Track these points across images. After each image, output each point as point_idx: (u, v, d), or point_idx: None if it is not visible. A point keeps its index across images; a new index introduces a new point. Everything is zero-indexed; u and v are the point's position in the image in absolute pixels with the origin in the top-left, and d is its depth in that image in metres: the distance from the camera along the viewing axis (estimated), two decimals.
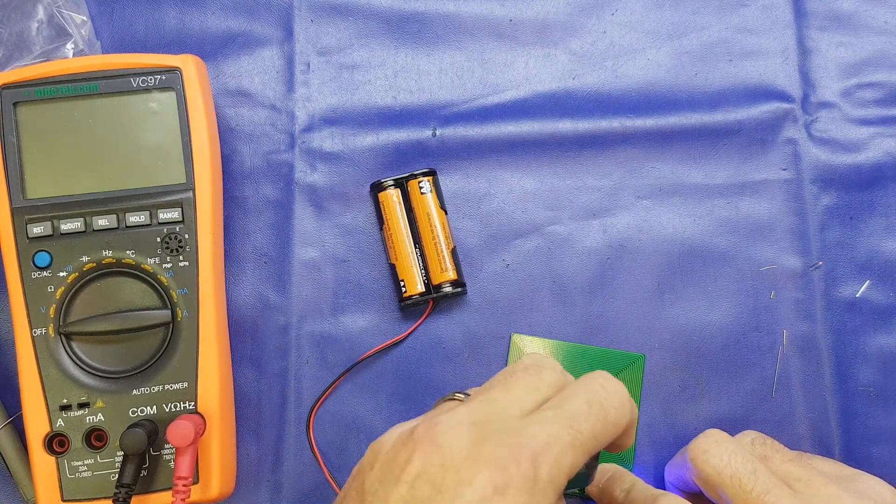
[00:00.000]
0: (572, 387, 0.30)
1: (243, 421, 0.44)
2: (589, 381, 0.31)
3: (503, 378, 0.31)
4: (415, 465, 0.27)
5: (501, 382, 0.31)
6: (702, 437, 0.37)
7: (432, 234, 0.44)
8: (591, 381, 0.30)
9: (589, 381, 0.30)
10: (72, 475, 0.39)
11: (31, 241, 0.40)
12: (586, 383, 0.30)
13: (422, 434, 0.28)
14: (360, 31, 0.47)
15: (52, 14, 0.45)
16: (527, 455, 0.27)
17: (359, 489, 0.28)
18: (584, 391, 0.30)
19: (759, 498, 0.34)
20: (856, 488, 0.37)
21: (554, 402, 0.30)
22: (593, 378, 0.31)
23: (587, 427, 0.29)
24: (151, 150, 0.41)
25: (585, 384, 0.30)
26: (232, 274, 0.45)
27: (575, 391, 0.30)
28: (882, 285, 0.45)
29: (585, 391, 0.30)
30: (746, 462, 0.35)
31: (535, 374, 0.31)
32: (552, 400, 0.30)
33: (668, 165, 0.46)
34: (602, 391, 0.30)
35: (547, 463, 0.27)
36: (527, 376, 0.31)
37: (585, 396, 0.30)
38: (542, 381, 0.31)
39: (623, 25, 0.47)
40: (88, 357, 0.40)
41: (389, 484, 0.27)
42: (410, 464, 0.27)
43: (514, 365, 0.32)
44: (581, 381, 0.31)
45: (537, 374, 0.31)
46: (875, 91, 0.46)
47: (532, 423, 0.28)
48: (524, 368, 0.31)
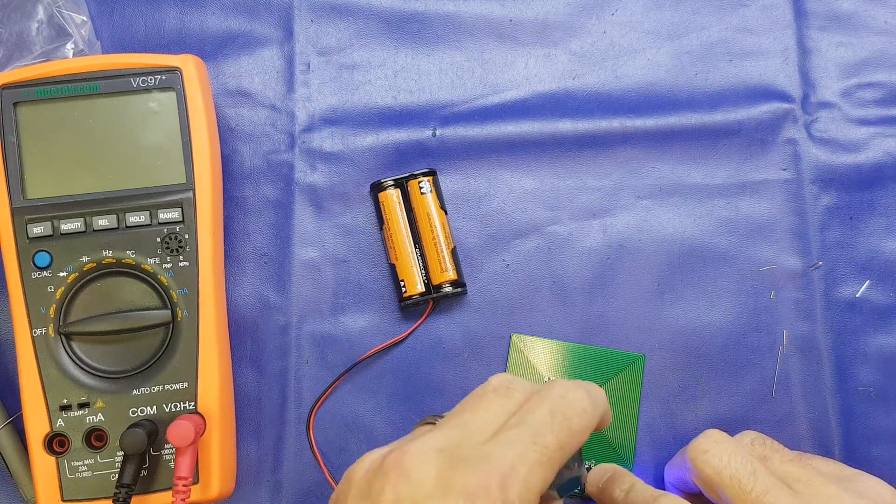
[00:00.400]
0: (533, 399, 0.30)
1: (243, 421, 0.44)
2: (548, 391, 0.30)
3: (473, 401, 0.31)
4: (387, 496, 0.27)
5: (471, 406, 0.31)
6: (701, 438, 0.37)
7: (432, 234, 0.44)
8: (550, 391, 0.30)
9: (549, 393, 0.30)
10: (72, 475, 0.39)
11: (31, 241, 0.40)
12: (546, 394, 0.30)
13: (391, 464, 0.28)
14: (360, 31, 0.47)
15: (52, 14, 0.45)
16: (496, 481, 0.27)
17: None
18: (545, 403, 0.30)
19: (759, 498, 0.34)
20: (855, 488, 0.37)
21: (517, 419, 0.29)
22: (551, 388, 0.30)
23: (552, 440, 0.29)
24: (151, 150, 0.41)
25: (545, 395, 0.30)
26: (232, 274, 0.45)
27: (535, 403, 0.30)
28: (882, 285, 0.45)
29: (546, 403, 0.30)
30: (746, 462, 0.35)
31: (505, 395, 0.31)
32: (515, 415, 0.30)
33: (668, 165, 0.46)
34: (562, 400, 0.30)
35: (516, 485, 0.27)
36: (497, 398, 0.30)
37: (547, 407, 0.29)
38: (512, 403, 0.30)
39: (623, 25, 0.47)
40: (88, 357, 0.40)
41: None
42: (383, 495, 0.27)
43: (484, 386, 0.31)
44: (541, 391, 0.30)
45: (507, 396, 0.31)
46: (875, 91, 0.46)
47: (498, 444, 0.28)
48: (493, 390, 0.31)
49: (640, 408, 0.43)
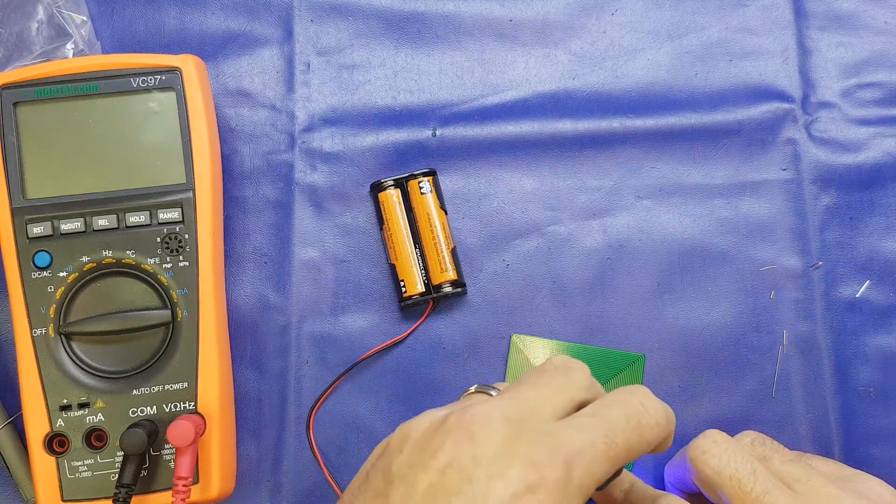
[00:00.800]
0: (611, 397, 0.30)
1: (243, 421, 0.44)
2: (628, 394, 0.30)
3: (533, 377, 0.31)
4: (446, 453, 0.27)
5: (531, 381, 0.30)
6: (701, 438, 0.37)
7: (432, 234, 0.44)
8: (630, 396, 0.30)
9: (628, 395, 0.30)
10: (72, 475, 0.39)
11: (31, 241, 0.40)
12: (625, 397, 0.30)
13: (455, 423, 0.28)
14: (360, 31, 0.47)
15: (52, 14, 0.45)
16: (562, 457, 0.26)
17: (385, 469, 0.28)
18: (623, 404, 0.29)
19: (759, 498, 0.34)
20: (855, 488, 0.37)
21: (591, 409, 0.29)
22: (633, 392, 0.30)
23: (622, 439, 0.28)
24: (151, 150, 0.41)
25: (625, 397, 0.30)
26: (232, 274, 0.45)
27: (613, 401, 0.30)
28: (882, 285, 0.45)
29: (624, 404, 0.29)
30: (746, 462, 0.35)
31: (565, 374, 0.31)
32: (589, 406, 0.30)
33: (668, 165, 0.46)
34: (641, 407, 0.30)
35: (580, 468, 0.27)
36: (557, 376, 0.30)
37: (624, 409, 0.29)
38: (572, 383, 0.30)
39: (623, 25, 0.47)
40: (88, 357, 0.40)
41: (419, 469, 0.27)
42: (442, 451, 0.27)
43: (544, 364, 0.31)
44: (620, 392, 0.30)
45: (567, 375, 0.31)
46: (875, 91, 0.46)
47: (568, 426, 0.28)
48: (554, 368, 0.31)
49: None
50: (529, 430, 0.27)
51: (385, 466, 0.28)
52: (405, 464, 0.27)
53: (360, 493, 0.28)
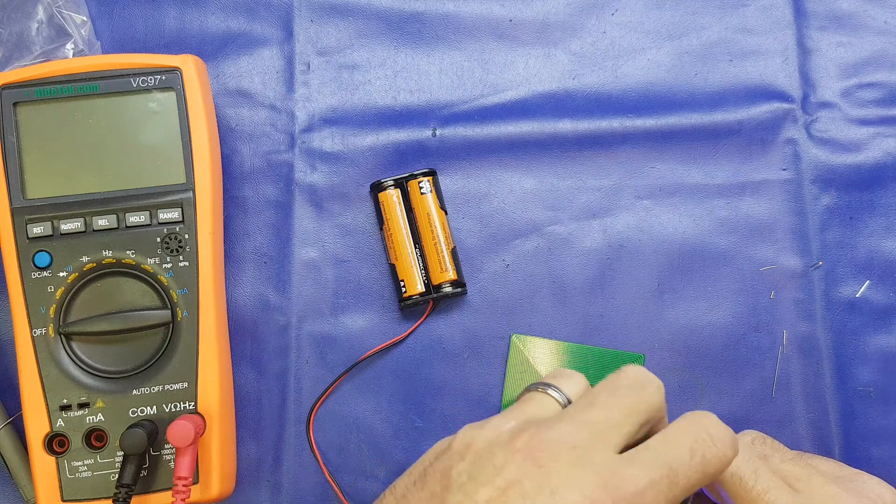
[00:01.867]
0: (677, 428, 0.29)
1: (243, 421, 0.44)
2: (696, 425, 0.29)
3: (606, 394, 0.30)
4: (510, 473, 0.27)
5: (603, 400, 0.30)
6: None
7: (432, 234, 0.44)
8: (697, 426, 0.29)
9: (696, 426, 0.29)
10: (72, 475, 0.39)
11: (31, 241, 0.40)
12: (693, 428, 0.29)
13: (522, 445, 0.28)
14: (360, 31, 0.47)
15: (52, 14, 0.45)
16: (622, 498, 0.26)
17: (444, 474, 0.28)
18: (689, 437, 0.29)
19: (760, 496, 0.34)
20: (855, 488, 0.37)
21: (656, 444, 0.29)
22: (700, 422, 0.29)
23: (684, 478, 0.28)
24: (151, 150, 0.41)
25: (692, 429, 0.29)
26: (232, 274, 0.45)
27: (679, 434, 0.29)
28: (882, 285, 0.45)
29: (690, 437, 0.29)
30: (747, 461, 0.35)
31: (639, 392, 0.30)
32: (655, 438, 0.29)
33: (668, 165, 0.46)
34: (708, 440, 0.29)
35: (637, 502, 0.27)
36: (630, 395, 0.30)
37: (689, 444, 0.29)
38: (644, 403, 0.30)
39: (623, 25, 0.47)
40: (88, 357, 0.40)
41: (480, 482, 0.27)
42: (506, 470, 0.27)
43: (618, 378, 0.31)
44: (688, 422, 0.30)
45: (640, 394, 0.30)
46: (875, 91, 0.46)
47: (632, 463, 0.28)
48: (629, 386, 0.30)
49: None
50: (594, 464, 0.27)
51: (445, 470, 0.28)
52: (465, 472, 0.28)
53: (416, 490, 0.29)
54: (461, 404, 0.44)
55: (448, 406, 0.44)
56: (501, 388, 0.44)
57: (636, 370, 0.31)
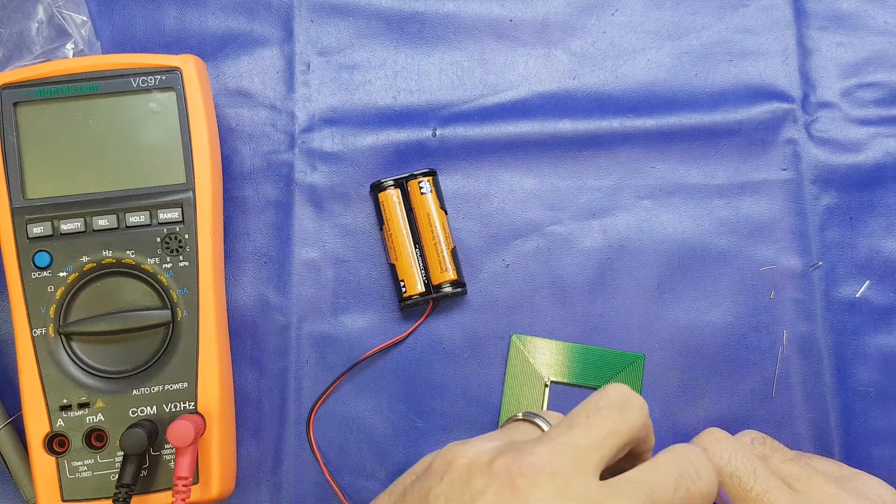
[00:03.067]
0: (662, 459, 0.29)
1: (243, 421, 0.44)
2: (682, 459, 0.29)
3: (586, 415, 0.29)
4: (488, 499, 0.26)
5: (584, 421, 0.29)
6: (702, 436, 0.37)
7: (432, 234, 0.44)
8: (683, 460, 0.29)
9: (682, 460, 0.29)
10: (72, 475, 0.39)
11: (31, 241, 0.40)
12: (679, 462, 0.29)
13: (501, 470, 0.27)
14: (360, 31, 0.47)
15: (52, 14, 0.45)
16: None
17: (422, 495, 0.28)
18: (674, 470, 0.29)
19: (759, 497, 0.34)
20: (855, 488, 0.37)
21: (639, 475, 0.28)
22: (686, 456, 0.29)
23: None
24: (151, 150, 0.41)
25: (678, 462, 0.29)
26: (232, 274, 0.45)
27: (664, 466, 0.29)
28: (882, 285, 0.45)
29: (675, 471, 0.29)
30: (747, 461, 0.35)
31: (620, 414, 0.29)
32: (637, 469, 0.29)
33: (668, 165, 0.46)
34: (693, 474, 0.29)
35: None
36: (611, 415, 0.29)
37: (674, 476, 0.28)
38: (625, 423, 0.29)
39: (623, 25, 0.47)
40: (88, 357, 0.40)
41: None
42: (483, 497, 0.26)
43: (598, 399, 0.30)
44: (674, 455, 0.29)
45: (622, 414, 0.29)
46: (875, 91, 0.46)
47: (613, 494, 0.27)
48: (609, 406, 0.30)
49: None
50: (574, 494, 0.27)
51: (423, 491, 0.28)
52: (443, 494, 0.27)
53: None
54: (461, 404, 0.44)
55: (448, 406, 0.44)
56: (501, 388, 0.44)
57: (618, 389, 0.30)
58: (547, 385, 0.44)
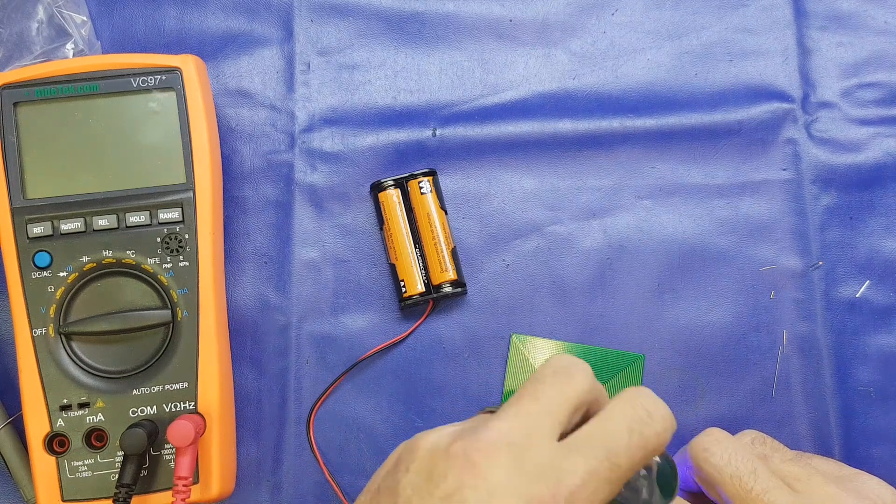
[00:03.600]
0: (613, 408, 0.29)
1: (243, 421, 0.44)
2: (632, 403, 0.29)
3: (532, 387, 0.29)
4: (450, 483, 0.27)
5: (531, 392, 0.29)
6: (702, 436, 0.37)
7: (432, 234, 0.44)
8: (634, 405, 0.29)
9: (632, 405, 0.29)
10: (72, 475, 0.39)
11: (31, 241, 0.40)
12: (629, 407, 0.29)
13: (459, 451, 0.27)
14: (360, 31, 0.47)
15: (52, 14, 0.45)
16: (563, 494, 0.26)
17: (393, 490, 0.28)
18: (626, 416, 0.28)
19: (759, 497, 0.34)
20: (855, 488, 0.37)
21: (592, 427, 0.28)
22: (635, 400, 0.29)
23: (625, 459, 0.28)
24: (151, 150, 0.41)
25: (628, 408, 0.29)
26: (232, 274, 0.45)
27: (615, 413, 0.29)
28: (882, 285, 0.45)
29: (627, 416, 0.28)
30: (747, 461, 0.36)
31: (565, 379, 0.29)
32: (591, 423, 0.29)
33: (668, 165, 0.46)
34: (645, 416, 0.28)
35: (582, 501, 0.26)
36: (556, 383, 0.29)
37: (626, 423, 0.28)
38: (573, 388, 0.29)
39: (623, 25, 0.47)
40: (88, 357, 0.40)
41: (423, 495, 0.27)
42: (445, 481, 0.27)
43: (543, 369, 0.30)
44: (623, 400, 0.29)
45: (567, 380, 0.29)
46: (875, 91, 0.46)
47: (570, 453, 0.27)
48: (553, 373, 0.30)
49: None
50: (532, 462, 0.27)
51: (393, 485, 0.28)
52: (409, 485, 0.28)
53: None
54: (461, 404, 0.44)
55: (448, 406, 0.44)
56: (501, 388, 0.44)
57: (559, 358, 0.30)
58: None
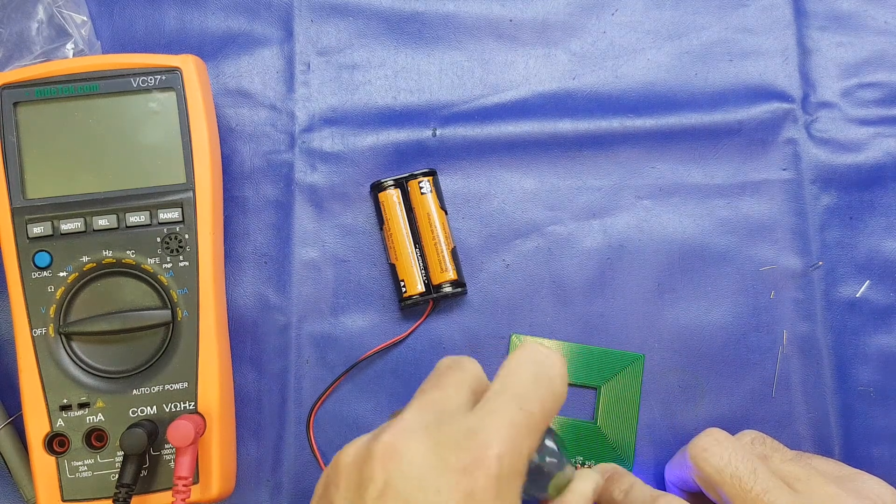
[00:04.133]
0: (513, 361, 0.30)
1: (243, 421, 0.44)
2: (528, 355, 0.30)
3: (432, 381, 0.31)
4: (378, 480, 0.27)
5: (433, 384, 0.31)
6: (702, 436, 0.37)
7: (432, 234, 0.44)
8: (530, 356, 0.30)
9: (528, 356, 0.30)
10: (72, 475, 0.39)
11: (31, 241, 0.40)
12: (526, 357, 0.30)
13: (379, 447, 0.28)
14: (360, 31, 0.47)
15: (52, 14, 0.45)
16: (488, 454, 0.27)
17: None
18: (527, 366, 0.30)
19: (759, 497, 0.34)
20: (855, 488, 0.37)
21: (496, 385, 0.30)
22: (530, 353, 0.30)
23: (537, 406, 0.29)
24: (151, 150, 0.41)
25: (526, 358, 0.30)
26: (232, 274, 0.45)
27: (516, 366, 0.30)
28: (882, 285, 0.45)
29: (528, 366, 0.30)
30: (747, 461, 0.36)
31: (459, 369, 0.31)
32: (495, 381, 0.30)
33: (668, 165, 0.46)
34: (545, 364, 0.30)
35: (508, 455, 0.27)
36: (452, 373, 0.31)
37: (530, 371, 0.30)
38: (468, 374, 0.31)
39: (623, 25, 0.47)
40: (88, 357, 0.40)
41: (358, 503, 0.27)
42: (373, 481, 0.27)
43: (437, 366, 0.32)
44: (518, 355, 0.30)
45: (461, 370, 0.31)
46: (875, 91, 0.46)
47: (484, 414, 0.28)
48: (447, 367, 0.31)
49: (640, 408, 0.43)
50: (450, 434, 0.28)
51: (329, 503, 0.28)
52: (343, 499, 0.28)
53: None
54: None
55: None
56: None
57: (448, 358, 0.32)
58: None
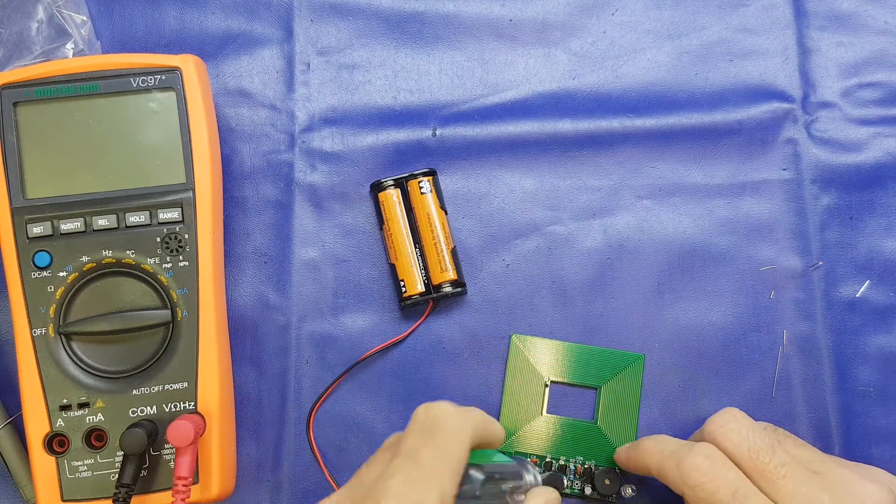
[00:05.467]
0: (407, 429, 0.33)
1: (243, 421, 0.44)
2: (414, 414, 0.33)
3: (367, 462, 0.34)
4: None
5: (364, 465, 0.33)
6: (721, 413, 0.38)
7: (432, 234, 0.44)
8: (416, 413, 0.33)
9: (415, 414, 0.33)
10: (72, 475, 0.39)
11: (31, 241, 0.40)
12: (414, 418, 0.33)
13: None
14: (360, 31, 0.47)
15: (52, 14, 0.45)
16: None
17: None
18: (413, 426, 0.32)
19: (776, 470, 0.35)
20: (867, 472, 0.37)
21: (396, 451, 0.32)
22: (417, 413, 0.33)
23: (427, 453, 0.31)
24: (151, 150, 0.41)
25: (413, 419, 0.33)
26: (232, 274, 0.45)
27: (407, 430, 0.33)
28: (882, 285, 0.45)
29: (413, 425, 0.32)
30: (765, 437, 0.36)
31: (390, 450, 0.33)
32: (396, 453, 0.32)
33: (668, 165, 0.46)
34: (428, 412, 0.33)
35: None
36: (385, 454, 0.33)
37: (415, 428, 0.32)
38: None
39: (623, 25, 0.47)
40: (88, 357, 0.40)
41: None
42: None
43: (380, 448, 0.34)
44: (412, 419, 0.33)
45: (391, 450, 0.33)
46: (875, 91, 0.46)
47: (384, 479, 0.30)
48: (384, 448, 0.34)
49: (640, 408, 0.43)
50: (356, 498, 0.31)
51: None
52: None
53: None
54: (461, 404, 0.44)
55: None
56: (501, 388, 0.44)
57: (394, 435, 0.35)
58: (547, 385, 0.44)
